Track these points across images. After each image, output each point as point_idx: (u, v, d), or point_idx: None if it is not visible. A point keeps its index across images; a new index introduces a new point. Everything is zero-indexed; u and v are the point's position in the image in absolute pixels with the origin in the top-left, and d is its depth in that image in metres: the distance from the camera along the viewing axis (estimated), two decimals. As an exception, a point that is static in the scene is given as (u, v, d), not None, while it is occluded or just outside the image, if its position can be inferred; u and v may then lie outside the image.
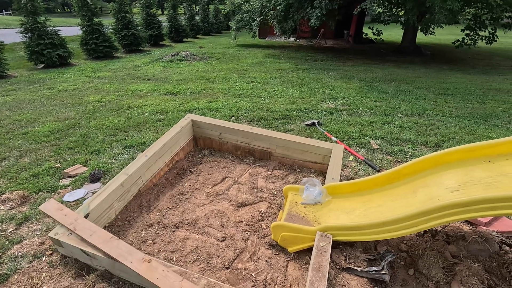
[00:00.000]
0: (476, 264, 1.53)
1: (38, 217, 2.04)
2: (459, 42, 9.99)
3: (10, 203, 2.17)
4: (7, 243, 1.81)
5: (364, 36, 13.86)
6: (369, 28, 12.12)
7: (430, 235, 1.82)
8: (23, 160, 2.80)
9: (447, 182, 1.55)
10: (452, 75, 7.35)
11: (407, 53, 10.89)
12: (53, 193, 2.32)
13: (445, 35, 16.98)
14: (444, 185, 1.55)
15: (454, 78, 7.02)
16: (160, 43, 12.58)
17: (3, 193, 2.28)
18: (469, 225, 1.94)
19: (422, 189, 1.63)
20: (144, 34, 11.17)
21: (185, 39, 14.86)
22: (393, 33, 17.58)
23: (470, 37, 9.84)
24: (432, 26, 9.83)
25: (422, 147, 3.21)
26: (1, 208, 2.13)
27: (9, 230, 1.92)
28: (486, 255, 1.61)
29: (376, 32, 11.90)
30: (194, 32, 16.74)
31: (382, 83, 6.30)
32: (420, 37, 12.67)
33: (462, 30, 10.02)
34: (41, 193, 2.32)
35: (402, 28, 11.38)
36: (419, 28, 10.42)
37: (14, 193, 2.26)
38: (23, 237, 1.87)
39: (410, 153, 3.02)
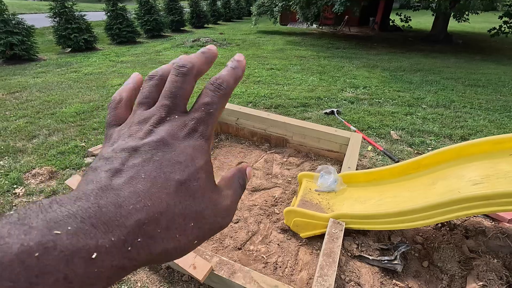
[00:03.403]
0: (495, 260, 1.48)
1: (64, 191, 2.17)
2: (495, 31, 9.30)
3: (40, 178, 2.32)
4: (37, 213, 1.95)
5: (391, 23, 13.22)
6: (397, 14, 11.53)
7: (448, 228, 1.77)
8: (52, 139, 2.96)
9: (470, 175, 1.49)
10: (484, 66, 6.91)
11: (436, 42, 10.29)
12: (78, 170, 2.45)
13: (480, 22, 15.87)
14: (466, 177, 1.49)
15: (487, 69, 6.60)
16: (181, 28, 12.62)
17: (34, 168, 2.44)
18: (490, 221, 1.86)
19: (441, 181, 1.58)
20: (165, 19, 11.24)
21: (206, 25, 14.82)
22: (423, 20, 16.61)
23: (508, 25, 9.13)
24: (467, 13, 9.20)
25: (446, 140, 3.08)
26: (32, 181, 2.29)
27: (39, 202, 2.06)
28: (507, 252, 1.55)
29: (405, 19, 11.30)
30: (215, 18, 16.64)
31: (407, 72, 6.04)
32: (453, 24, 11.92)
33: (500, 17, 9.29)
34: (67, 169, 2.46)
35: (433, 15, 10.72)
36: (451, 15, 9.77)
37: (43, 168, 2.41)
38: (51, 209, 2.00)
39: (432, 145, 2.91)
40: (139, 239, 0.19)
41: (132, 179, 0.20)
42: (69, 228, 0.17)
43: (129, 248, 0.18)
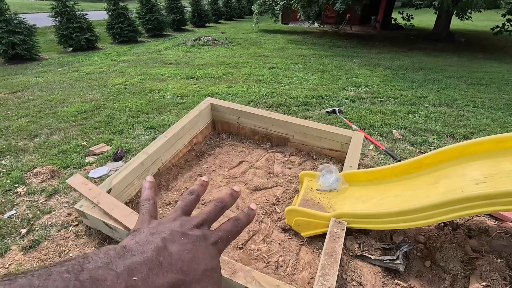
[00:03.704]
0: (499, 260, 1.47)
1: (66, 190, 2.17)
2: (498, 29, 9.24)
3: (41, 177, 2.32)
4: (38, 212, 1.95)
5: (392, 22, 13.15)
6: (399, 13, 11.47)
7: (450, 228, 1.76)
8: (53, 138, 2.97)
9: (472, 174, 1.47)
10: (487, 64, 6.87)
11: (439, 40, 10.24)
12: (79, 169, 2.45)
13: (483, 21, 15.77)
14: (468, 176, 1.47)
15: (490, 67, 6.55)
16: (183, 27, 12.62)
17: (35, 167, 2.44)
18: (494, 220, 1.85)
19: (444, 180, 1.56)
20: (167, 18, 11.24)
21: (207, 24, 14.80)
22: (425, 19, 16.53)
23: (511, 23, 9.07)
24: (469, 11, 9.13)
25: (449, 139, 3.06)
26: (33, 180, 2.29)
27: (40, 201, 2.06)
28: (511, 252, 1.53)
29: (407, 17, 11.24)
30: (216, 17, 16.62)
31: (409, 71, 6.01)
32: (455, 23, 11.85)
33: (503, 15, 9.23)
34: (69, 168, 2.46)
35: (435, 13, 10.66)
36: (454, 13, 9.71)
37: (44, 167, 2.41)
38: (52, 208, 2.00)
39: (434, 144, 2.89)
40: None
41: (181, 250, 0.30)
42: (142, 274, 0.24)
43: None
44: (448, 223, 1.78)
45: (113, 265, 0.23)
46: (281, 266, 1.59)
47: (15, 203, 2.04)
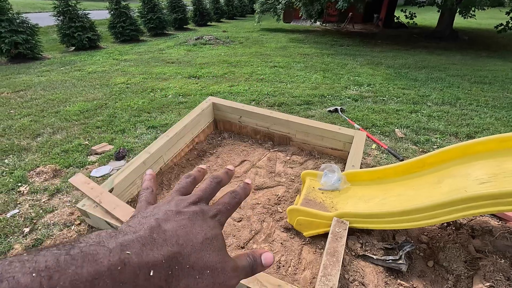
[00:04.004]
0: (503, 260, 1.46)
1: (68, 189, 2.18)
2: (502, 27, 9.17)
3: (44, 176, 2.33)
4: (41, 211, 1.96)
5: (395, 20, 13.08)
6: (402, 11, 11.40)
7: (453, 228, 1.75)
8: (55, 137, 2.98)
9: (476, 173, 1.46)
10: (491, 63, 6.81)
11: (442, 38, 10.17)
12: (81, 168, 2.46)
13: (487, 19, 15.64)
14: (472, 176, 1.46)
15: (493, 65, 6.50)
16: (185, 26, 12.62)
17: (38, 166, 2.45)
18: (497, 220, 1.84)
19: (447, 179, 1.55)
20: (169, 17, 11.24)
21: (209, 23, 14.79)
22: (428, 17, 16.41)
23: (515, 21, 9.00)
24: (473, 9, 9.06)
25: (452, 138, 3.04)
26: (36, 179, 2.30)
27: (43, 200, 2.07)
28: (514, 252, 1.52)
29: (409, 15, 11.18)
30: (218, 16, 16.60)
31: (412, 70, 5.97)
32: (458, 21, 11.76)
33: (507, 13, 9.16)
34: (71, 167, 2.47)
35: (438, 11, 10.59)
36: (457, 11, 9.64)
37: (47, 166, 2.42)
38: (55, 207, 2.01)
39: (437, 144, 2.88)
40: (176, 266, 0.26)
41: (175, 227, 0.30)
42: (135, 249, 0.24)
43: (170, 272, 0.25)
44: (451, 223, 1.77)
45: (105, 243, 0.23)
46: (283, 266, 1.59)
47: (18, 202, 2.05)
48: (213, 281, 0.29)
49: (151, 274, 0.23)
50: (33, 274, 0.18)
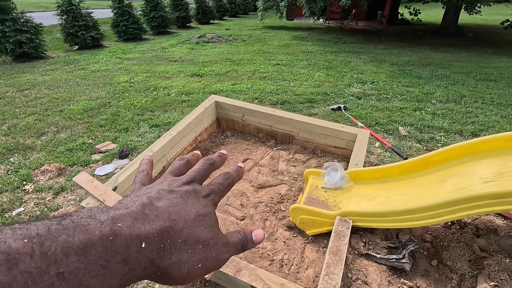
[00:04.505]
0: (507, 260, 1.45)
1: (72, 188, 2.20)
2: (508, 23, 9.03)
3: (49, 174, 2.35)
4: (45, 210, 1.98)
5: (399, 17, 12.96)
6: (406, 7, 11.28)
7: (458, 227, 1.74)
8: (60, 136, 3.00)
9: (481, 172, 1.45)
10: (497, 60, 6.73)
11: (447, 35, 10.05)
12: (85, 167, 2.48)
13: (492, 15, 15.43)
14: (477, 175, 1.45)
15: (499, 62, 6.42)
16: (187, 25, 12.61)
17: (43, 165, 2.47)
18: (502, 219, 1.82)
19: (451, 178, 1.54)
20: (171, 15, 11.24)
21: (211, 21, 14.77)
22: (433, 14, 16.24)
23: (522, 17, 8.87)
24: (478, 5, 8.94)
25: (456, 136, 3.01)
26: (41, 178, 2.32)
27: (48, 198, 2.09)
28: (520, 251, 1.51)
29: (414, 12, 11.05)
30: (220, 14, 16.57)
31: (416, 67, 5.92)
32: (464, 17, 11.61)
33: (513, 9, 9.04)
34: (75, 166, 2.49)
35: (443, 7, 10.46)
36: (462, 7, 9.52)
37: (52, 165, 2.44)
38: (60, 205, 2.03)
39: (442, 142, 2.85)
40: (168, 240, 0.27)
41: (167, 204, 0.30)
42: (127, 223, 0.24)
43: (162, 246, 0.26)
44: (455, 222, 1.75)
45: (96, 216, 0.23)
46: (286, 264, 1.59)
47: (23, 201, 2.07)
48: (205, 255, 0.30)
49: (143, 246, 0.24)
50: (25, 240, 0.18)
